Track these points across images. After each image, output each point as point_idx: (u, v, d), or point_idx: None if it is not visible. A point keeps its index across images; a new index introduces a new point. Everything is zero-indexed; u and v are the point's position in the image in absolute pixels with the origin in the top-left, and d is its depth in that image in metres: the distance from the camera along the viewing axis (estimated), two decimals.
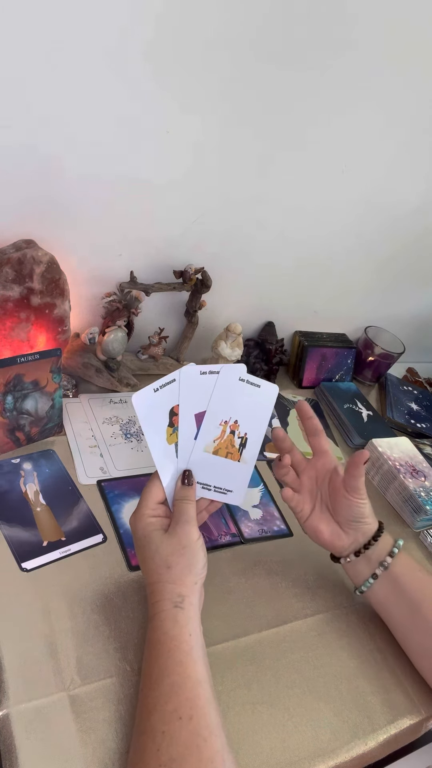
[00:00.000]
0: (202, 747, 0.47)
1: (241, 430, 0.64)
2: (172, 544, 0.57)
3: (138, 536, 0.59)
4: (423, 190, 1.04)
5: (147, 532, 0.59)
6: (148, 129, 0.77)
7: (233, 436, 0.64)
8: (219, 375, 0.63)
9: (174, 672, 0.51)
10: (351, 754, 0.58)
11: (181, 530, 0.58)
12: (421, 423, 1.18)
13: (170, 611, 0.54)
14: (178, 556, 0.57)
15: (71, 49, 0.67)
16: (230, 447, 0.64)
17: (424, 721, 0.64)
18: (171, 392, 0.61)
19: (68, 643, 0.58)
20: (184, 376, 0.61)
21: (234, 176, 0.87)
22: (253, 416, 0.64)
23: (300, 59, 0.78)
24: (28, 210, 0.77)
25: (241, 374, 0.63)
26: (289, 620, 0.69)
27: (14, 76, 0.66)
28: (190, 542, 0.58)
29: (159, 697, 0.50)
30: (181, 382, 0.61)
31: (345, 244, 1.06)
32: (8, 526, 0.67)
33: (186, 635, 0.53)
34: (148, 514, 0.60)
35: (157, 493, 0.61)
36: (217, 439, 0.64)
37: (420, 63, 0.86)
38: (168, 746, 0.47)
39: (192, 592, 0.56)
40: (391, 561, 0.65)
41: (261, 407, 0.65)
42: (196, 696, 0.50)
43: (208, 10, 0.70)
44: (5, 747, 0.50)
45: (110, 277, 0.89)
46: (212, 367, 0.63)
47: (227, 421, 0.64)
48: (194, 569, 0.57)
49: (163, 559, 0.57)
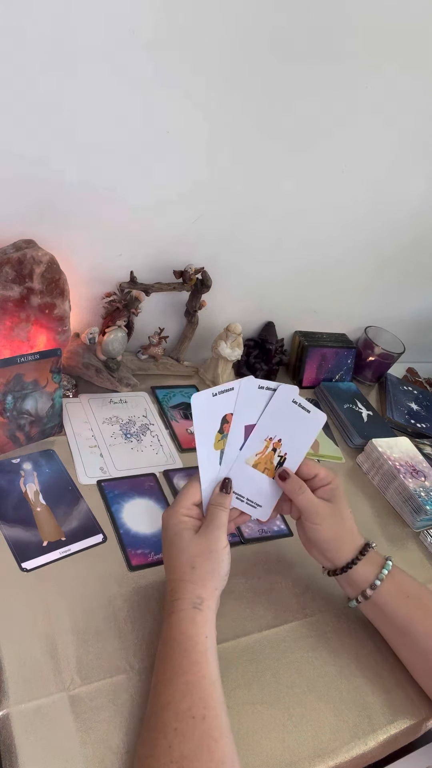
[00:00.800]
0: (213, 747, 0.47)
1: (282, 449, 0.65)
2: (200, 545, 0.58)
3: (168, 532, 0.60)
4: (423, 190, 1.04)
5: (178, 529, 0.59)
6: (148, 129, 0.77)
7: (273, 453, 0.65)
8: (275, 392, 0.65)
9: (189, 671, 0.51)
10: (351, 754, 0.58)
11: (211, 534, 0.59)
12: (421, 423, 1.18)
13: (189, 611, 0.55)
14: (204, 559, 0.57)
15: (72, 49, 0.67)
16: (269, 464, 0.65)
17: (424, 721, 0.64)
18: (227, 400, 0.63)
19: (68, 643, 0.58)
20: (243, 386, 0.63)
21: (234, 176, 0.87)
22: (295, 439, 0.65)
23: (299, 60, 0.78)
24: (29, 210, 0.77)
25: (295, 396, 0.65)
26: (289, 620, 0.69)
27: (15, 76, 0.66)
28: (218, 548, 0.58)
29: (173, 695, 0.50)
30: (239, 392, 0.63)
31: (345, 244, 1.06)
32: (8, 526, 0.67)
33: (203, 636, 0.54)
34: (182, 512, 0.60)
35: (195, 494, 0.62)
36: (259, 453, 0.65)
37: (420, 63, 0.86)
38: (180, 743, 0.47)
39: (211, 596, 0.57)
40: (371, 593, 0.64)
41: (305, 432, 0.65)
42: (210, 696, 0.50)
43: (209, 12, 0.70)
44: (5, 747, 0.50)
45: (110, 277, 0.89)
46: (270, 383, 0.65)
47: (272, 438, 0.65)
48: (217, 575, 0.57)
49: (189, 559, 0.57)
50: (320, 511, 0.63)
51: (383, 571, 0.64)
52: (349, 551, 0.65)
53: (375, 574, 0.64)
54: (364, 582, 0.64)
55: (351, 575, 0.65)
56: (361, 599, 0.65)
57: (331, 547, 0.65)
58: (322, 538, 0.64)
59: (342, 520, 0.65)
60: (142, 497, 0.77)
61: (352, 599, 0.66)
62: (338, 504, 0.65)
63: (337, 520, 0.64)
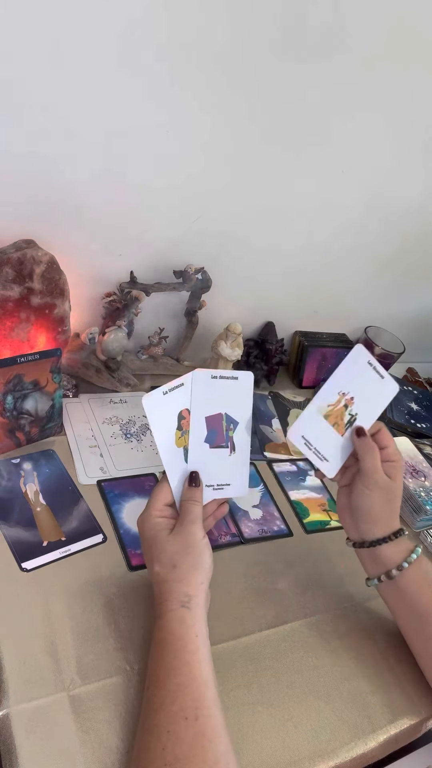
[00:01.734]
0: (207, 748, 0.47)
1: (353, 408, 0.67)
2: (177, 542, 0.58)
3: (145, 536, 0.60)
4: (423, 190, 1.04)
5: (154, 532, 0.59)
6: (148, 129, 0.77)
7: (345, 409, 0.66)
8: (350, 351, 0.66)
9: (180, 672, 0.51)
10: (351, 754, 0.58)
11: (186, 529, 0.59)
12: (421, 423, 1.18)
13: (177, 611, 0.55)
14: (184, 555, 0.57)
15: (73, 50, 0.67)
16: (339, 419, 0.66)
17: (424, 721, 0.64)
18: (181, 395, 0.62)
19: (68, 643, 0.58)
20: (195, 380, 0.63)
21: (234, 176, 0.87)
22: (368, 401, 0.67)
23: (299, 60, 0.78)
24: (29, 210, 0.77)
25: (370, 359, 0.66)
26: (289, 620, 0.69)
27: (16, 77, 0.66)
28: (195, 541, 0.58)
29: (165, 697, 0.50)
30: (192, 386, 0.62)
31: (345, 244, 1.06)
32: (8, 526, 0.67)
33: (193, 636, 0.54)
34: (155, 515, 0.60)
35: (165, 494, 0.62)
36: (332, 405, 0.66)
37: (420, 63, 0.86)
38: (173, 745, 0.47)
39: (198, 592, 0.56)
40: (397, 574, 0.64)
41: (378, 397, 0.67)
42: (202, 697, 0.50)
43: (211, 14, 0.70)
44: (5, 747, 0.50)
45: (110, 277, 0.89)
46: (224, 372, 0.64)
47: (345, 393, 0.66)
48: (200, 568, 0.57)
49: (169, 558, 0.57)
50: (379, 481, 0.64)
51: (412, 555, 0.64)
52: (383, 529, 0.65)
53: (403, 557, 0.64)
54: (391, 562, 0.65)
55: (377, 552, 0.65)
56: (384, 578, 0.65)
57: (369, 519, 0.65)
58: (367, 506, 0.65)
59: (392, 499, 0.66)
60: (142, 497, 0.77)
61: (373, 578, 0.66)
62: (396, 483, 0.65)
63: (389, 497, 0.65)
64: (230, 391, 0.65)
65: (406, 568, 0.64)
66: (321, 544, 0.81)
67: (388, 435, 0.67)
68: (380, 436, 0.66)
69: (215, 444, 0.65)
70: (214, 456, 0.65)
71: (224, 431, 0.65)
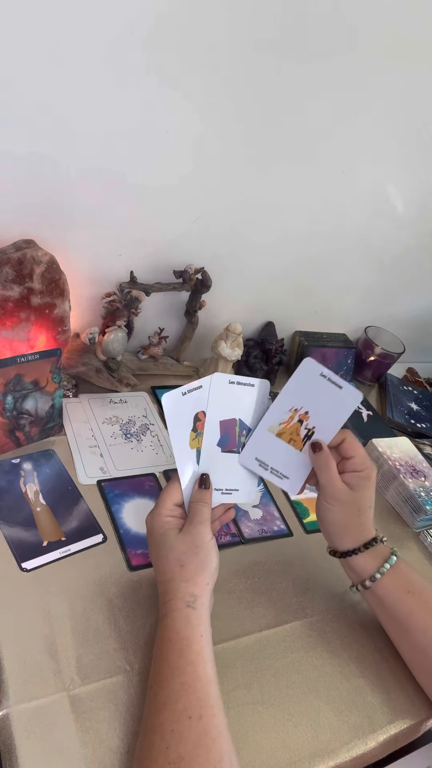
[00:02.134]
0: (211, 747, 0.47)
1: (309, 422, 0.65)
2: (186, 542, 0.58)
3: (153, 535, 0.60)
4: (423, 190, 1.04)
5: (163, 530, 0.59)
6: (147, 129, 0.77)
7: (300, 425, 0.65)
8: (300, 365, 0.64)
9: (185, 672, 0.51)
10: (351, 754, 0.58)
11: (195, 530, 0.59)
12: (421, 423, 1.18)
13: (183, 611, 0.55)
14: (192, 555, 0.57)
15: (71, 50, 0.66)
16: (294, 435, 0.65)
17: (424, 721, 0.64)
18: (198, 398, 0.63)
19: (68, 643, 0.58)
20: (213, 383, 0.63)
21: (234, 176, 0.87)
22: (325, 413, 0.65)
23: (300, 60, 0.78)
24: (28, 210, 0.77)
25: (323, 371, 0.64)
26: (289, 620, 0.69)
27: (15, 77, 0.66)
28: (204, 542, 0.58)
29: (169, 696, 0.50)
30: (210, 389, 0.63)
31: (345, 244, 1.06)
32: (8, 526, 0.67)
33: (198, 636, 0.54)
34: (164, 514, 0.61)
35: (176, 494, 0.62)
36: (284, 423, 0.65)
37: (420, 63, 0.86)
38: (177, 745, 0.47)
39: (204, 592, 0.57)
40: (371, 584, 0.64)
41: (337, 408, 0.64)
42: (206, 696, 0.50)
43: (210, 12, 0.70)
44: (5, 747, 0.50)
45: (110, 277, 0.89)
46: (241, 378, 0.65)
47: (297, 409, 0.65)
48: (207, 569, 0.58)
49: (177, 558, 0.57)
50: (337, 495, 0.63)
51: (385, 565, 0.64)
52: (353, 541, 0.65)
53: (376, 567, 0.64)
54: (365, 572, 0.65)
55: (351, 562, 0.65)
56: (361, 588, 0.66)
57: (337, 531, 0.65)
58: (331, 520, 0.64)
59: (357, 511, 0.64)
60: (142, 497, 0.77)
61: (353, 585, 0.67)
62: (360, 494, 0.63)
63: (352, 509, 0.64)
64: (246, 398, 0.65)
65: (379, 579, 0.64)
66: (321, 544, 0.80)
67: (355, 444, 0.64)
68: (345, 446, 0.64)
69: (227, 448, 0.65)
70: (226, 460, 0.65)
71: (237, 436, 0.66)
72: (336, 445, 0.65)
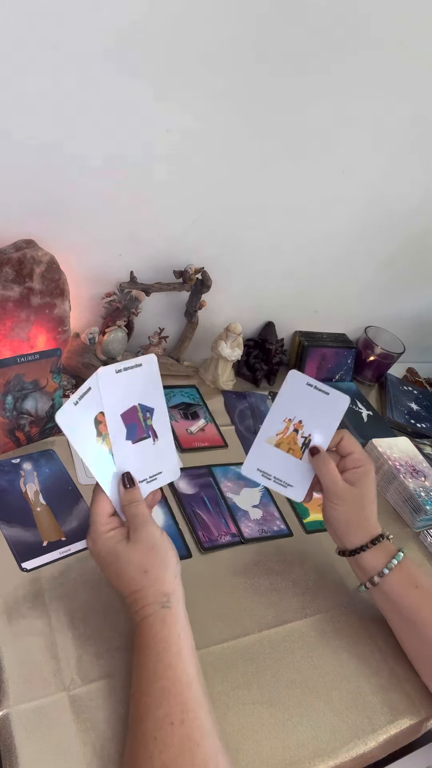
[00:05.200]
0: (195, 751, 0.47)
1: (305, 431, 0.67)
2: (139, 549, 0.56)
3: (102, 555, 0.57)
4: (422, 190, 1.04)
5: (109, 546, 0.56)
6: (148, 129, 0.77)
7: (296, 434, 0.67)
8: (286, 378, 0.67)
9: (164, 676, 0.51)
10: (351, 754, 0.58)
11: (143, 533, 0.57)
12: (421, 423, 1.18)
13: (158, 613, 0.54)
14: (151, 557, 0.56)
15: (71, 48, 0.66)
16: (293, 444, 0.67)
17: (424, 721, 0.64)
18: (91, 401, 0.59)
19: (68, 643, 0.58)
20: (100, 380, 0.59)
21: (234, 176, 0.87)
22: (318, 420, 0.67)
23: (300, 60, 0.78)
24: (28, 210, 0.77)
25: (309, 380, 0.67)
26: (289, 620, 0.69)
27: (16, 76, 0.66)
28: (156, 541, 0.56)
29: (150, 703, 0.50)
30: (99, 388, 0.59)
31: (345, 243, 1.06)
32: (8, 526, 0.67)
33: (175, 636, 0.53)
34: (103, 530, 0.57)
35: (105, 506, 0.59)
36: (280, 433, 0.68)
37: (420, 63, 0.86)
38: (161, 753, 0.47)
39: (175, 588, 0.55)
40: (379, 580, 0.65)
41: (328, 414, 0.67)
42: (187, 699, 0.50)
43: (209, 11, 0.70)
44: (5, 747, 0.50)
45: (110, 277, 0.89)
46: (127, 363, 0.60)
47: (291, 419, 0.67)
48: (170, 565, 0.56)
49: (137, 566, 0.55)
50: (340, 493, 0.65)
51: (393, 561, 0.65)
52: (360, 538, 0.66)
53: (384, 563, 0.65)
54: (373, 569, 0.65)
55: (359, 560, 0.66)
56: (369, 585, 0.66)
57: (344, 529, 0.66)
58: (337, 518, 0.66)
59: (361, 506, 0.66)
60: None
61: (362, 584, 0.68)
62: (362, 490, 0.66)
63: (356, 505, 0.66)
64: (138, 380, 0.62)
65: (387, 574, 0.65)
66: (321, 544, 0.81)
67: (352, 442, 0.67)
68: (343, 444, 0.67)
69: (137, 438, 0.62)
70: (139, 450, 0.62)
71: (142, 422, 0.63)
72: (335, 446, 0.68)
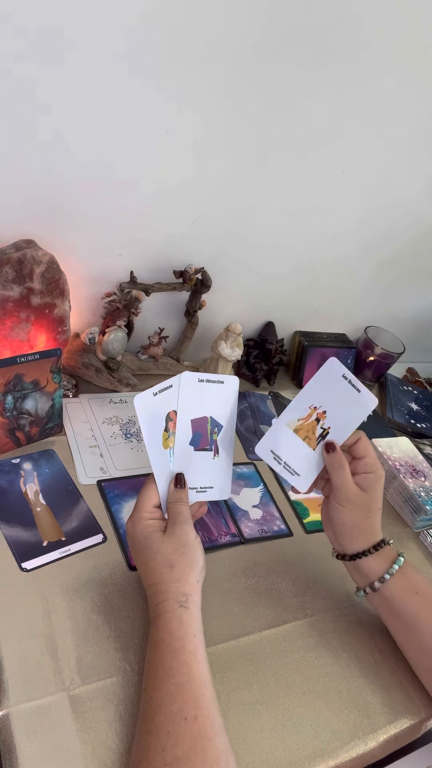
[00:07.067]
0: (207, 747, 0.47)
1: (326, 422, 0.66)
2: (172, 543, 0.58)
3: (137, 539, 0.60)
4: (423, 190, 1.04)
5: (146, 533, 0.59)
6: (147, 129, 0.77)
7: (317, 423, 0.66)
8: (325, 364, 0.65)
9: (179, 672, 0.51)
10: (351, 754, 0.58)
11: (179, 530, 0.59)
12: (421, 423, 1.18)
13: (176, 611, 0.55)
14: (180, 555, 0.57)
15: (74, 51, 0.66)
16: (311, 433, 0.66)
17: (424, 721, 0.64)
18: (168, 397, 0.63)
19: (68, 643, 0.58)
20: (183, 382, 0.63)
21: (234, 176, 0.87)
22: (341, 415, 0.66)
23: (300, 60, 0.78)
24: (28, 210, 0.77)
25: (345, 372, 0.65)
26: (289, 620, 0.69)
27: (15, 77, 0.66)
28: (190, 541, 0.59)
29: (164, 697, 0.50)
30: (180, 388, 0.63)
31: (345, 243, 1.06)
32: (8, 526, 0.67)
33: (191, 636, 0.54)
34: (145, 517, 0.61)
35: (153, 496, 0.62)
36: (302, 420, 0.66)
37: (419, 64, 0.86)
38: (173, 746, 0.47)
39: (195, 591, 0.57)
40: (380, 586, 0.64)
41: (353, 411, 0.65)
42: (201, 696, 0.50)
43: (209, 10, 0.70)
44: (5, 747, 0.50)
45: (110, 277, 0.89)
46: (210, 376, 0.65)
47: (316, 407, 0.66)
48: (195, 567, 0.58)
49: (165, 559, 0.57)
50: (350, 497, 0.63)
51: (394, 566, 0.64)
52: (362, 543, 0.65)
53: (385, 569, 0.64)
54: (374, 574, 0.65)
55: (359, 565, 0.65)
56: (369, 591, 0.65)
57: (347, 533, 0.65)
58: (342, 521, 0.65)
59: (368, 512, 0.65)
60: None
61: (360, 589, 0.67)
62: (371, 496, 0.64)
63: (363, 511, 0.64)
64: (216, 395, 0.66)
65: (388, 579, 0.64)
66: (321, 544, 0.81)
67: (367, 445, 0.65)
68: (358, 446, 0.65)
69: (200, 446, 0.66)
70: (198, 458, 0.65)
71: (209, 434, 0.66)
72: (350, 445, 0.66)
